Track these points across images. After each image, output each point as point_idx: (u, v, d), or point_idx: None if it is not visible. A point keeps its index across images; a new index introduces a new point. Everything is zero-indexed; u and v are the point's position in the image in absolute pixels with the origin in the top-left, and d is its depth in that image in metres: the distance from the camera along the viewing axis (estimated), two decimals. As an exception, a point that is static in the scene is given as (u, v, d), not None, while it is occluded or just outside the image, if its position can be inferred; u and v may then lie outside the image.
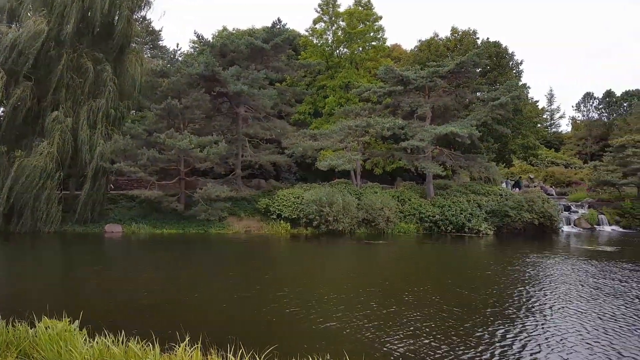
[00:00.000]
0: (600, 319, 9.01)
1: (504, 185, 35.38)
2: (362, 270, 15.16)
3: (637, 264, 15.72)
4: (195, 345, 5.11)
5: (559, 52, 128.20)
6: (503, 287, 11.94)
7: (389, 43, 38.04)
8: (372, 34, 34.26)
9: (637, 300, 10.53)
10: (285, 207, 24.90)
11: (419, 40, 36.21)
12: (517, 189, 34.80)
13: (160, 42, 48.36)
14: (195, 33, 32.25)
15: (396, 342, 7.51)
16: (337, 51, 35.28)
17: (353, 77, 33.52)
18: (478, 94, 30.69)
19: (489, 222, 25.59)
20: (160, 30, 47.87)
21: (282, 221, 24.72)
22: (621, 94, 75.03)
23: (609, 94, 77.14)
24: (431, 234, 24.82)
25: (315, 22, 35.21)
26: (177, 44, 45.19)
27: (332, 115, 32.43)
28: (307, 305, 9.60)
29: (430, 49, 34.16)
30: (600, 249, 20.28)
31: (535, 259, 16.63)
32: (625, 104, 73.70)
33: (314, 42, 35.65)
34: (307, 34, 36.57)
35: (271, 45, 28.64)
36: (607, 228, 29.02)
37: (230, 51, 29.08)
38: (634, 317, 9.17)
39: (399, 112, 29.15)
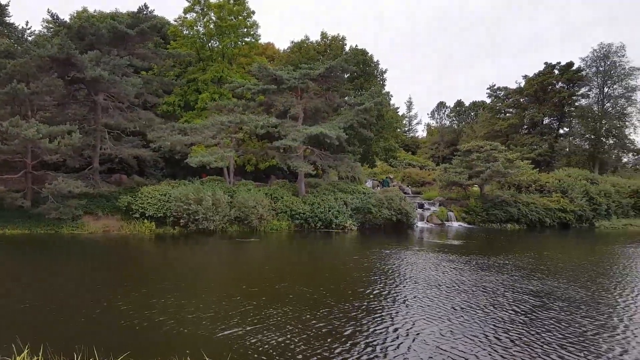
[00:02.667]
0: (446, 307, 10.03)
1: (368, 184, 37.77)
2: (230, 268, 14.78)
3: (478, 255, 18.13)
4: (35, 358, 4.48)
5: (419, 64, 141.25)
6: (361, 279, 12.65)
7: (263, 41, 37.97)
8: (244, 30, 33.78)
9: (475, 289, 11.99)
10: (150, 205, 23.31)
11: (292, 42, 36.88)
12: (385, 187, 37.41)
13: (7, 18, 41.80)
14: (49, 12, 28.37)
15: (259, 338, 7.42)
16: (209, 44, 34.13)
17: (226, 71, 32.74)
18: (346, 98, 32.20)
19: (354, 218, 27.08)
20: (7, 5, 41.38)
21: (145, 220, 23.07)
22: (469, 104, 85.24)
23: (459, 103, 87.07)
24: (302, 231, 25.36)
25: (185, 11, 33.59)
26: (27, 22, 39.18)
27: (205, 109, 31.29)
28: (165, 309, 9.02)
29: (301, 51, 34.94)
30: (448, 242, 22.63)
31: (392, 252, 17.97)
32: (472, 113, 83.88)
33: (185, 32, 34.03)
34: (177, 23, 34.77)
35: (136, 31, 26.55)
36: (455, 224, 32.57)
37: (90, 34, 26.29)
38: (475, 305, 10.41)
39: (272, 110, 29.27)
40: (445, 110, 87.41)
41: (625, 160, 58.55)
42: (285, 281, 12.08)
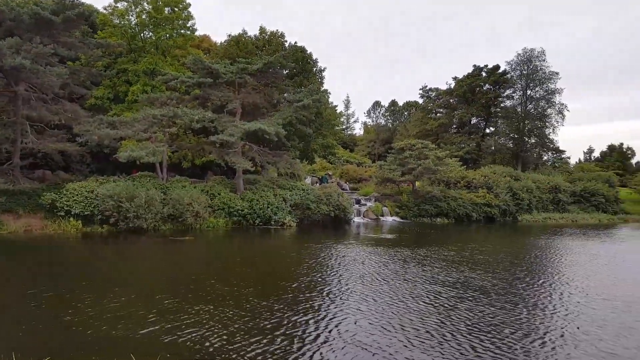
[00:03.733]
0: (367, 299, 10.49)
1: (307, 180, 38.06)
2: (160, 267, 14.40)
3: (406, 248, 18.96)
4: None
5: (356, 63, 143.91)
6: (291, 273, 12.91)
7: (199, 33, 37.02)
8: (180, 22, 32.75)
9: (397, 280, 12.56)
10: (76, 203, 22.10)
11: (229, 35, 36.23)
12: (324, 183, 37.86)
13: None
14: (-42, -7, 26.00)
15: (189, 338, 7.40)
16: (142, 35, 32.73)
17: (159, 63, 31.58)
18: (285, 95, 32.22)
19: (293, 214, 27.23)
20: None
21: (72, 219, 21.86)
22: (403, 104, 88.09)
23: (393, 103, 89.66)
24: (240, 228, 25.12)
25: (116, 0, 31.99)
26: None
27: (136, 102, 29.98)
28: (89, 310, 8.77)
29: (239, 45, 34.47)
30: (382, 236, 23.47)
31: (326, 247, 18.37)
32: (406, 113, 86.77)
33: (115, 21, 32.39)
34: (107, 12, 33.03)
35: (62, 19, 24.95)
36: (389, 218, 33.70)
37: (9, 20, 24.41)
38: (395, 296, 10.90)
39: (208, 104, 28.65)
40: (380, 110, 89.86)
41: (545, 158, 63.10)
42: (214, 279, 12.03)
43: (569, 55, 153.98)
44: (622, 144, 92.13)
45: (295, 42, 35.54)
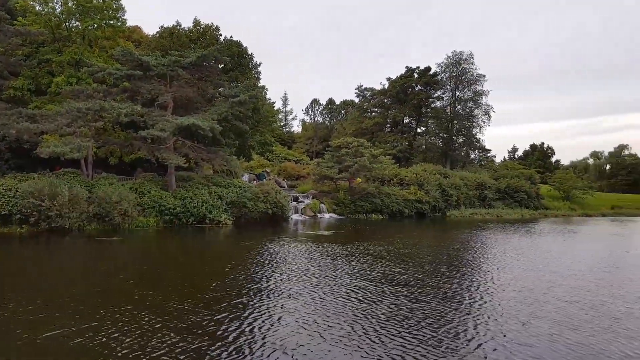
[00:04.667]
0: (283, 296, 10.62)
1: (244, 178, 37.51)
2: (82, 271, 13.62)
3: (339, 244, 19.34)
4: None
5: (295, 60, 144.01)
6: (217, 273, 12.80)
7: (130, 24, 35.30)
8: (110, 12, 30.97)
9: (323, 277, 12.82)
10: (-10, 202, 20.34)
11: (161, 27, 34.88)
12: (262, 180, 37.46)
13: None
14: None
15: (99, 342, 7.13)
16: (67, 23, 30.62)
17: (85, 54, 29.72)
18: (221, 89, 31.52)
19: (229, 212, 26.75)
20: None
21: (-16, 219, 20.11)
22: (340, 102, 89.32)
23: (330, 101, 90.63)
24: (172, 227, 24.31)
25: (39, -15, 29.65)
26: None
27: (60, 94, 28.03)
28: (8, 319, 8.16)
29: (172, 37, 33.30)
30: (319, 233, 23.80)
31: (261, 245, 18.35)
32: (343, 111, 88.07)
33: (37, 8, 30.05)
34: (27, -3, 30.58)
35: (-29, 1, 22.85)
36: (327, 215, 34.14)
37: None
38: (315, 293, 11.11)
39: (138, 98, 27.37)
40: (318, 107, 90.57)
41: (472, 156, 66.64)
42: (137, 280, 11.68)
43: (495, 58, 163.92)
44: (543, 143, 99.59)
45: (231, 37, 34.96)
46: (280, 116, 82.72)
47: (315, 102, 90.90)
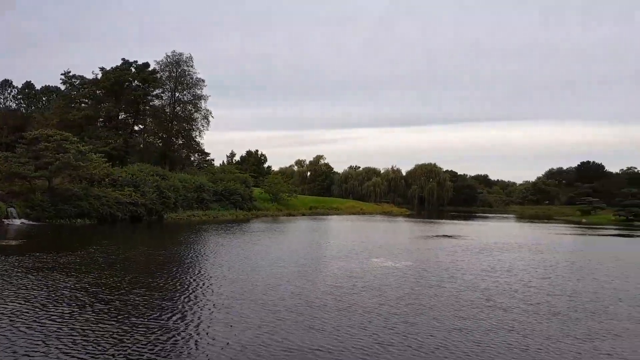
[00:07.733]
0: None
1: None
2: None
3: (27, 256, 16.56)
4: None
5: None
6: None
7: None
8: None
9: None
10: None
11: None
12: None
13: None
14: None
15: None
16: None
17: None
18: None
19: None
20: None
21: None
22: (41, 88, 76.83)
23: (28, 85, 77.11)
24: None
25: None
26: None
27: None
28: None
29: None
30: (4, 243, 20.08)
31: None
32: (44, 99, 76.02)
33: None
34: None
35: None
36: (18, 221, 29.06)
37: None
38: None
39: None
40: (12, 91, 75.63)
41: (192, 159, 67.65)
42: None
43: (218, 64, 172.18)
44: (257, 150, 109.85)
45: None
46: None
47: (6, 83, 75.49)
